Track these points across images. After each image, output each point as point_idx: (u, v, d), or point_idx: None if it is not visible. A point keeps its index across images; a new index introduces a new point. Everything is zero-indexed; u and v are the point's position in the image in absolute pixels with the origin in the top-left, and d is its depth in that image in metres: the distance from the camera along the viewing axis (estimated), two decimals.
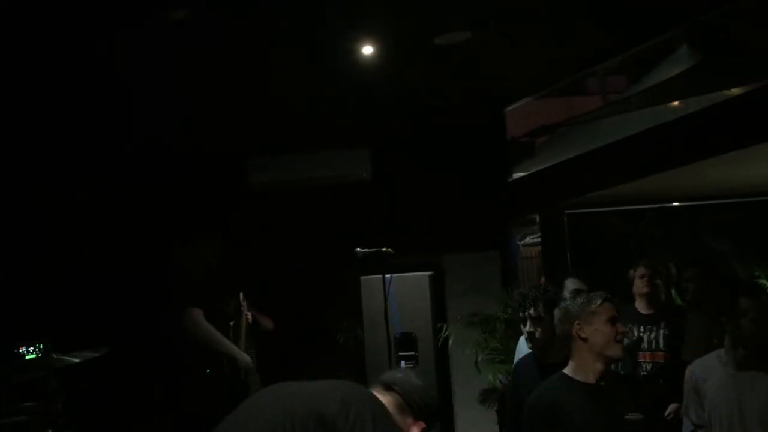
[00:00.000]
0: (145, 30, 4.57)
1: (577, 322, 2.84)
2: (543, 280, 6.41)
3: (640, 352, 4.64)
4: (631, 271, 4.82)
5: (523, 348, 4.09)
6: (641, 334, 4.66)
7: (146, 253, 6.42)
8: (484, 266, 7.02)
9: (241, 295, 5.16)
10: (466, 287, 6.66)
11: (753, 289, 3.38)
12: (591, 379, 2.82)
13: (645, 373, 4.57)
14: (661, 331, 4.60)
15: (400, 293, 5.77)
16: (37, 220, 6.00)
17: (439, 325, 6.61)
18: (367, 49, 5.34)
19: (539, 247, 7.34)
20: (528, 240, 7.72)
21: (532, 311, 3.41)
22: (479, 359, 6.43)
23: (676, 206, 7.18)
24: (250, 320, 5.14)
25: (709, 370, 3.18)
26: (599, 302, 2.85)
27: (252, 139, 6.88)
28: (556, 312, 2.98)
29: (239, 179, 7.05)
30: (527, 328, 3.46)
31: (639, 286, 4.73)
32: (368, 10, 4.68)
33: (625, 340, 3.58)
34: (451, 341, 6.63)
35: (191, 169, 6.80)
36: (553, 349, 3.28)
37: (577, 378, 2.85)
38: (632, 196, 6.63)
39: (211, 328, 4.57)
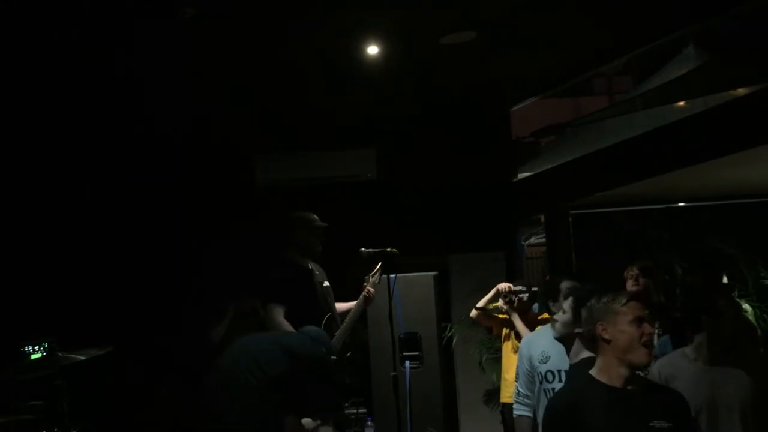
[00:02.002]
0: (154, 26, 4.58)
1: (600, 322, 2.67)
2: (547, 278, 6.41)
3: None
4: (625, 272, 4.84)
5: (524, 350, 4.05)
6: None
7: (151, 250, 6.44)
8: (489, 266, 7.00)
9: (378, 267, 4.93)
10: (471, 287, 6.64)
11: (729, 290, 3.53)
12: (615, 382, 2.66)
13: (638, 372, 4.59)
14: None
15: (405, 293, 5.76)
16: (41, 219, 6.02)
17: (443, 325, 6.61)
18: (373, 49, 5.34)
19: (544, 247, 7.34)
20: (533, 240, 7.72)
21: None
22: (483, 359, 6.42)
23: (682, 206, 7.16)
24: (372, 295, 4.90)
25: (677, 368, 3.26)
26: (624, 301, 2.67)
27: (258, 138, 6.88)
28: (583, 311, 2.82)
29: (246, 178, 7.06)
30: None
31: (629, 286, 4.75)
32: (374, 9, 4.68)
33: None
34: (455, 341, 6.63)
35: (198, 168, 6.82)
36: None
37: (602, 380, 2.69)
38: (638, 196, 6.61)
39: (287, 326, 4.50)
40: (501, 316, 5.14)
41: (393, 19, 4.87)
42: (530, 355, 3.93)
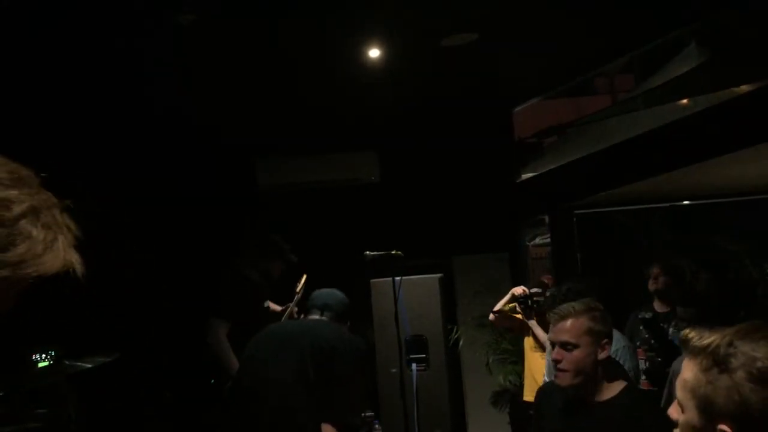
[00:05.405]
0: (153, 30, 4.58)
1: None
2: (548, 279, 6.40)
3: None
4: (648, 271, 4.90)
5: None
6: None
7: (157, 257, 6.44)
8: (494, 267, 7.00)
9: (303, 279, 5.18)
10: (475, 289, 6.65)
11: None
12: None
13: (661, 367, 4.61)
14: (672, 329, 4.63)
15: (410, 296, 5.76)
16: None
17: (449, 327, 6.60)
18: (374, 52, 5.33)
19: (548, 248, 7.33)
20: (537, 240, 7.70)
21: None
22: (490, 361, 6.41)
23: (686, 205, 7.14)
24: (295, 313, 5.12)
25: None
26: None
27: (261, 141, 6.89)
28: None
29: (248, 182, 7.07)
30: None
31: (650, 284, 4.81)
32: (375, 12, 4.68)
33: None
34: (461, 343, 6.62)
35: (200, 172, 6.82)
36: None
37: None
38: (642, 195, 6.60)
39: (225, 346, 4.69)
40: (519, 316, 5.12)
41: (394, 21, 4.86)
42: (548, 348, 4.11)
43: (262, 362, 3.67)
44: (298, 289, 5.17)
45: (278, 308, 5.23)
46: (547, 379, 4.29)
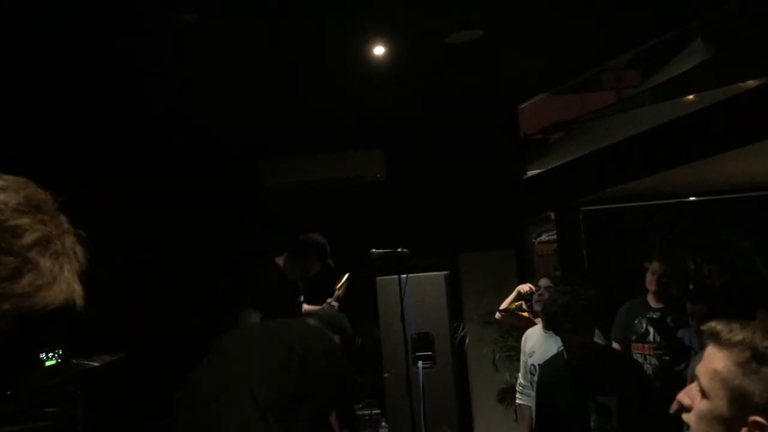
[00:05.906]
0: (157, 30, 4.58)
1: None
2: (557, 274, 6.40)
3: (646, 344, 4.69)
4: (646, 263, 4.89)
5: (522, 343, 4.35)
6: (648, 327, 4.70)
7: (163, 255, 6.46)
8: (500, 265, 6.99)
9: (345, 279, 5.15)
10: (482, 286, 6.64)
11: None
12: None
13: (650, 365, 4.60)
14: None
15: (416, 293, 5.76)
16: None
17: (455, 325, 6.60)
18: (379, 50, 5.33)
19: (555, 245, 7.32)
20: (544, 237, 7.69)
21: None
22: (496, 358, 6.41)
23: (693, 201, 7.12)
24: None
25: None
26: None
27: (266, 140, 6.89)
28: None
29: (253, 181, 7.08)
30: None
31: (648, 281, 4.81)
32: (380, 9, 4.67)
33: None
34: (467, 340, 6.62)
35: (205, 171, 6.83)
36: None
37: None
38: (648, 191, 6.58)
39: None
40: (526, 314, 5.13)
41: (397, 20, 4.86)
42: (524, 348, 4.38)
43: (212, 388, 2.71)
44: (338, 286, 5.10)
45: (313, 308, 5.04)
46: (523, 382, 4.38)
